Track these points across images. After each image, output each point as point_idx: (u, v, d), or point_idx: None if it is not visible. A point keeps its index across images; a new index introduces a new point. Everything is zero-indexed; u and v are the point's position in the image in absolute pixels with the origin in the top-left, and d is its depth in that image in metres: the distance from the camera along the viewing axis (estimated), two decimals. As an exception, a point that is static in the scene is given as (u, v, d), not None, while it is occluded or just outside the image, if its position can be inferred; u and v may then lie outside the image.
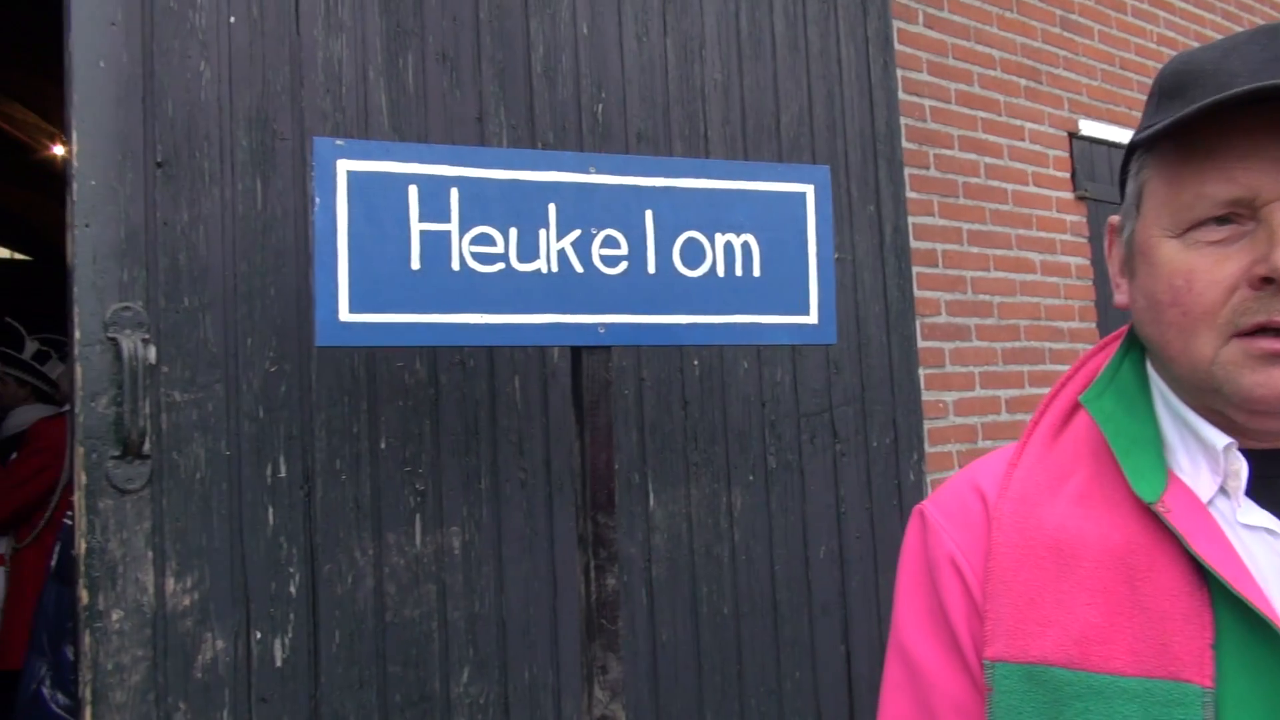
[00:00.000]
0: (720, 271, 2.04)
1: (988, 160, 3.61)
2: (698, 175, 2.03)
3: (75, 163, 1.99)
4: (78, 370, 1.98)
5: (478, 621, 2.39)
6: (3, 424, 4.57)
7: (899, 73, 3.31)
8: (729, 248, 2.05)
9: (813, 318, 2.10)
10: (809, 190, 2.10)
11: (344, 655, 2.22)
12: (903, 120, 3.29)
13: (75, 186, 1.99)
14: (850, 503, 3.03)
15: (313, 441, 2.21)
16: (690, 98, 2.80)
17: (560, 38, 2.61)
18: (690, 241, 2.03)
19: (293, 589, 2.18)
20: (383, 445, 2.30)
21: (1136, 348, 0.92)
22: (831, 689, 2.95)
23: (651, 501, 2.68)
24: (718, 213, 2.04)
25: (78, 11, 2.00)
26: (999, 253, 3.60)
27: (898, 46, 3.31)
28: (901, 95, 3.31)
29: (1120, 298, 0.90)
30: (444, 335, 1.89)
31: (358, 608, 2.25)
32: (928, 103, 3.43)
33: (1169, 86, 0.82)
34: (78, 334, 1.99)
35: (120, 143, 2.03)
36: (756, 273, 2.06)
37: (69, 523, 2.34)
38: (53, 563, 2.07)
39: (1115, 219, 0.92)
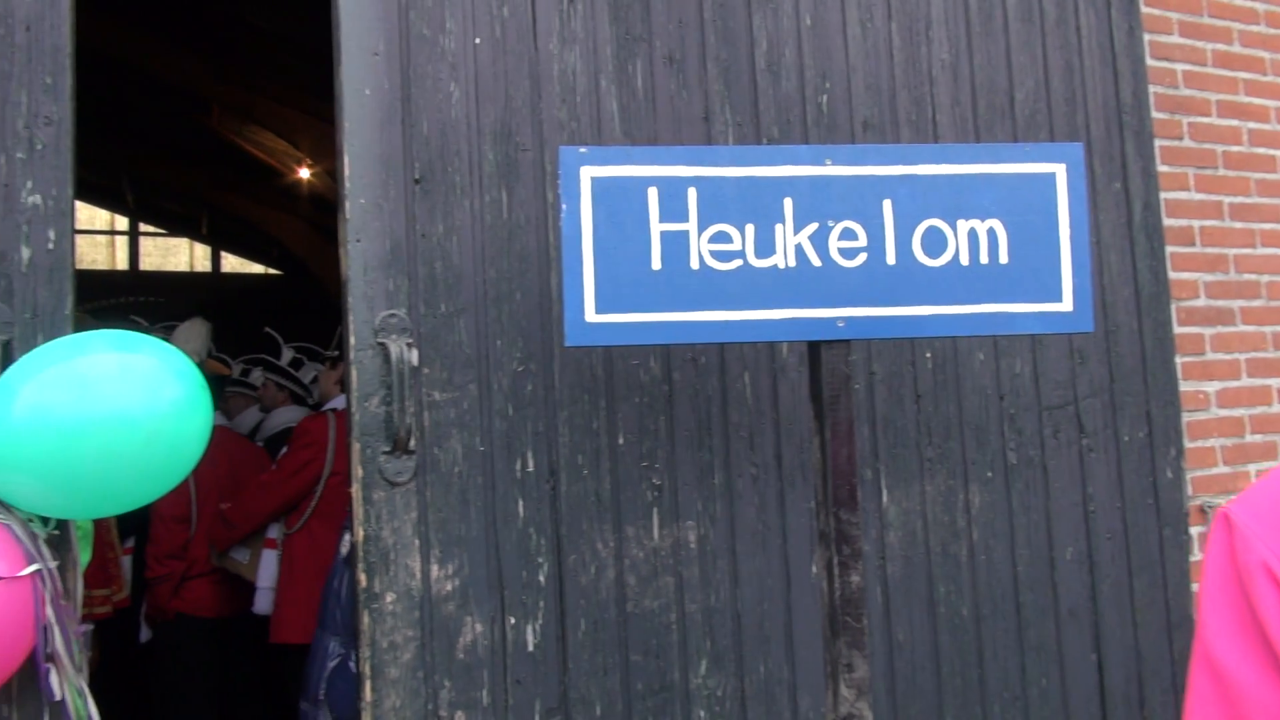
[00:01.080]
0: (964, 260, 1.96)
1: (1251, 126, 3.28)
2: (938, 161, 1.96)
3: (346, 184, 2.18)
4: (352, 373, 2.17)
5: (714, 615, 2.43)
6: (264, 424, 5.07)
7: (1145, 37, 3.06)
8: (973, 235, 1.97)
9: (1066, 304, 1.98)
10: (1059, 170, 1.98)
11: (589, 643, 2.31)
12: (1151, 88, 3.05)
13: (347, 205, 2.18)
14: (1099, 501, 2.84)
15: (556, 438, 2.32)
16: (917, 81, 2.72)
17: (783, 31, 2.59)
18: (931, 230, 1.96)
19: (542, 578, 2.29)
20: (620, 441, 2.37)
21: None
22: (1082, 700, 2.78)
23: (884, 498, 2.62)
24: (960, 199, 1.97)
25: (347, 44, 2.19)
26: (1267, 227, 3.27)
27: (1143, 9, 3.07)
28: (1149, 61, 3.06)
29: None
30: (685, 333, 1.92)
31: (601, 597, 2.33)
32: (1180, 67, 3.16)
33: None
34: (352, 340, 2.17)
35: (384, 163, 2.21)
36: (1003, 259, 1.97)
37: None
38: (344, 550, 2.28)
39: None
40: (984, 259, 1.97)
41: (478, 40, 2.31)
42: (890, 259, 1.96)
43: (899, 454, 2.63)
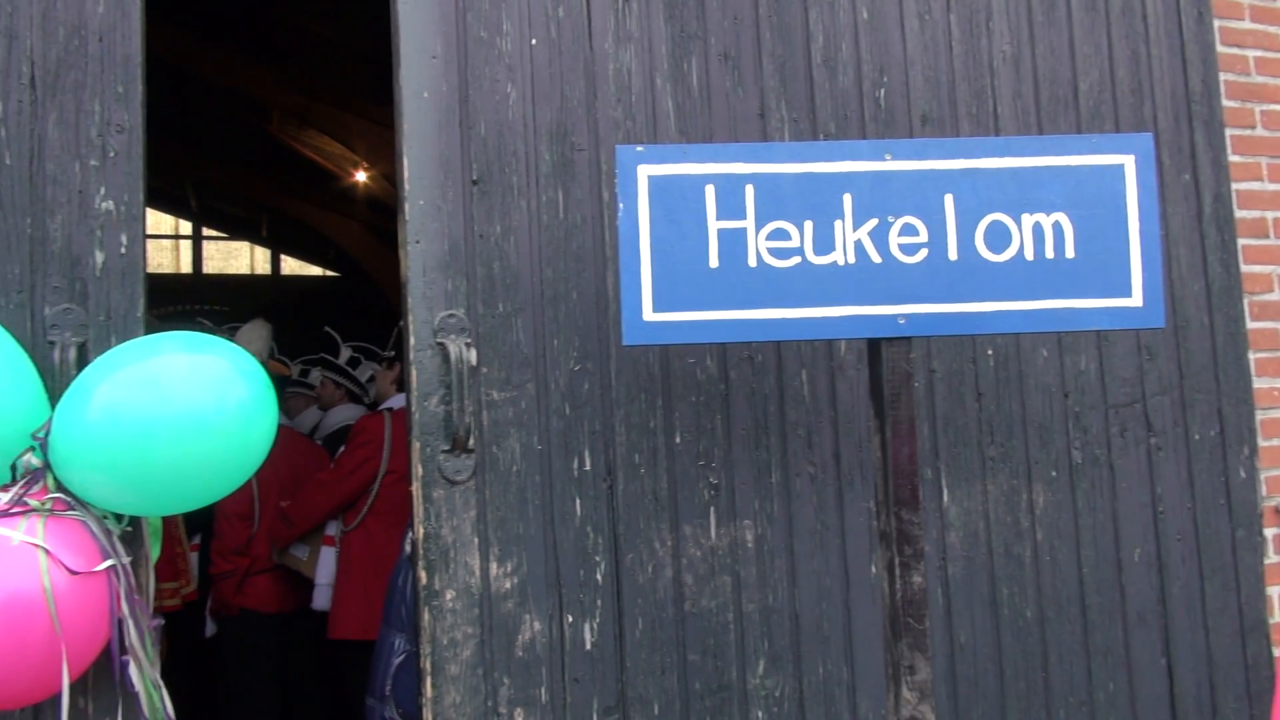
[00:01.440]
0: (1028, 254, 1.93)
1: (1328, 113, 3.16)
2: (1001, 154, 1.93)
3: (406, 186, 2.21)
4: (412, 373, 2.20)
5: (771, 615, 2.41)
6: (322, 422, 5.16)
7: (1215, 23, 2.97)
8: (1038, 229, 1.93)
9: (1136, 299, 1.93)
10: (1128, 161, 1.93)
11: (646, 641, 2.31)
12: (1221, 76, 2.95)
13: (406, 207, 2.20)
14: (1169, 502, 2.76)
15: (613, 436, 2.32)
16: (977, 74, 2.67)
17: (839, 25, 2.57)
18: (994, 224, 1.93)
19: (599, 576, 2.29)
20: (677, 440, 2.37)
21: None
22: (1151, 706, 2.70)
23: (945, 497, 2.58)
24: (1024, 192, 1.93)
25: (405, 48, 2.22)
26: (1345, 218, 3.15)
27: (1213, -6, 2.98)
28: (1219, 48, 2.97)
29: None
30: (743, 331, 1.91)
31: (658, 596, 2.33)
32: (1252, 54, 3.06)
33: None
34: (411, 340, 2.20)
35: (442, 165, 2.23)
36: (1069, 254, 1.92)
37: None
38: (407, 547, 2.32)
39: None
40: (1049, 253, 1.93)
41: (534, 41, 2.33)
42: (952, 254, 1.92)
43: (960, 453, 2.59)
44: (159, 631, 3.48)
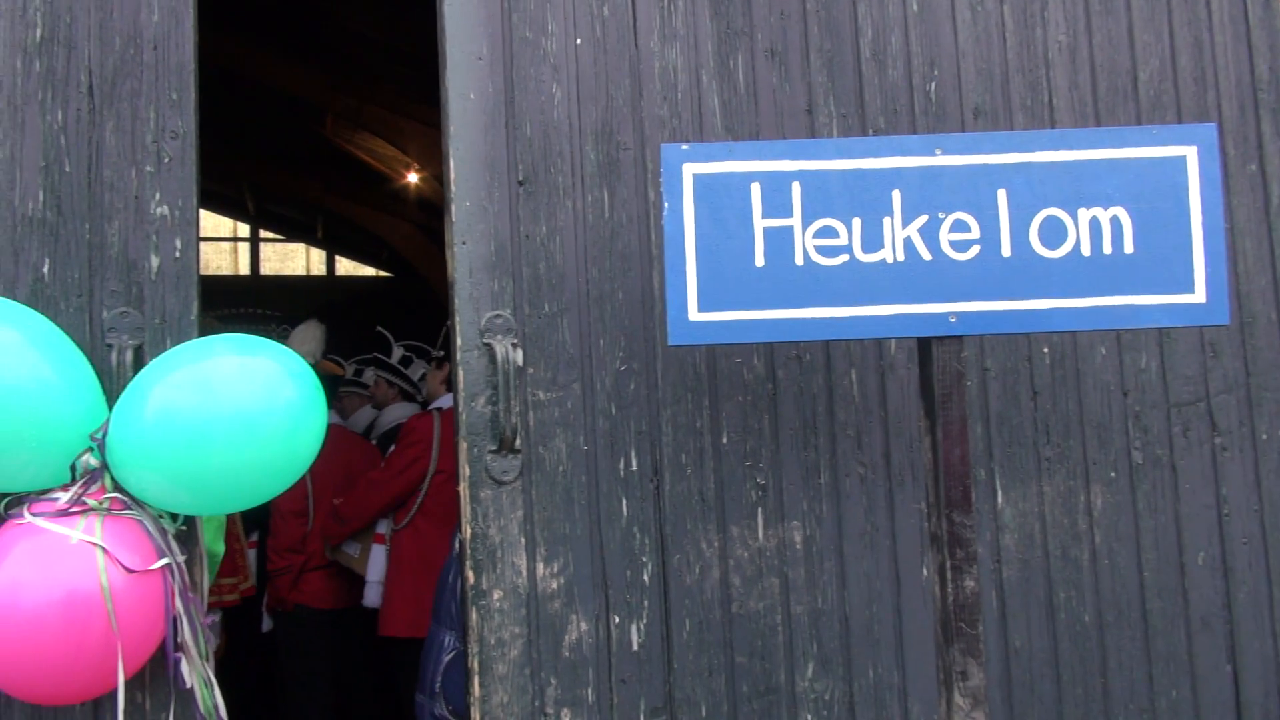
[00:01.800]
0: (1085, 250, 1.87)
1: (1404, 99, 3.03)
2: (1056, 147, 1.88)
3: (452, 187, 2.22)
4: (459, 373, 2.21)
5: (821, 617, 2.38)
6: (378, 421, 5.22)
7: (1283, 8, 2.86)
8: (1094, 223, 1.87)
9: (1199, 295, 1.87)
10: (1190, 153, 1.87)
11: (694, 643, 2.30)
12: (1290, 63, 2.85)
13: (453, 208, 2.22)
14: (1234, 504, 2.67)
15: (660, 437, 2.31)
16: (1032, 65, 2.60)
17: (889, 18, 2.52)
18: (1049, 220, 1.88)
19: (646, 577, 2.28)
20: (724, 440, 2.35)
21: None
22: (1215, 714, 2.62)
23: (999, 499, 2.52)
24: (1080, 186, 1.88)
25: (451, 50, 2.23)
26: None
27: (1281, -22, 2.87)
28: (1287, 34, 2.86)
29: None
30: (789, 330, 1.89)
31: (705, 598, 2.31)
32: (1322, 39, 2.94)
33: None
34: (459, 341, 2.21)
35: (488, 166, 2.24)
36: (1128, 249, 1.87)
37: None
38: (456, 545, 2.33)
39: None
40: (1107, 249, 1.87)
41: (579, 41, 2.32)
42: (1005, 251, 1.88)
43: (1015, 453, 2.53)
44: (217, 626, 3.55)
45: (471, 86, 2.24)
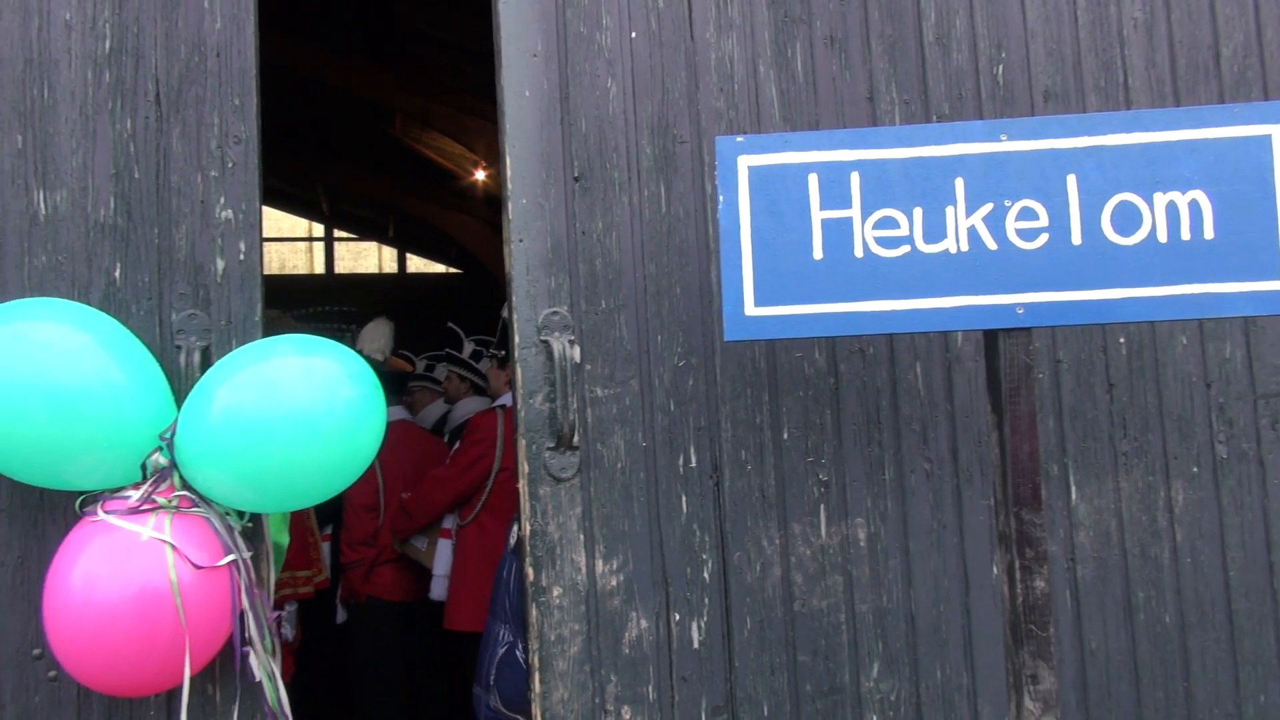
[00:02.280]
0: (1161, 236, 1.79)
1: None
2: (1129, 129, 1.79)
3: (509, 185, 2.22)
4: (517, 371, 2.21)
5: (886, 616, 2.33)
6: (451, 415, 5.29)
7: (1380, -25, 2.70)
8: (1171, 208, 1.79)
9: (1285, 283, 1.77)
10: (1275, 132, 1.77)
11: (755, 641, 2.27)
12: (1388, 33, 2.68)
13: (510, 206, 2.22)
14: (1329, 500, 2.53)
15: (719, 432, 2.28)
16: (1105, 44, 2.50)
17: (953, 1, 2.44)
18: (1123, 205, 1.80)
19: (706, 575, 2.26)
20: (785, 436, 2.31)
21: None
22: (1309, 719, 2.49)
23: (1073, 495, 2.44)
24: (1156, 169, 1.79)
25: (507, 48, 2.23)
26: None
27: (1378, -57, 2.70)
28: (1385, 2, 2.69)
29: None
30: (849, 325, 1.84)
31: (767, 595, 2.28)
32: None
33: None
34: (516, 338, 2.22)
35: (544, 162, 2.23)
36: (1208, 234, 1.77)
37: None
38: (511, 540, 2.34)
39: None
40: (1185, 235, 1.78)
41: (634, 34, 2.30)
42: (1076, 239, 1.80)
43: (1089, 448, 2.44)
44: (294, 617, 3.63)
45: (527, 83, 2.24)
